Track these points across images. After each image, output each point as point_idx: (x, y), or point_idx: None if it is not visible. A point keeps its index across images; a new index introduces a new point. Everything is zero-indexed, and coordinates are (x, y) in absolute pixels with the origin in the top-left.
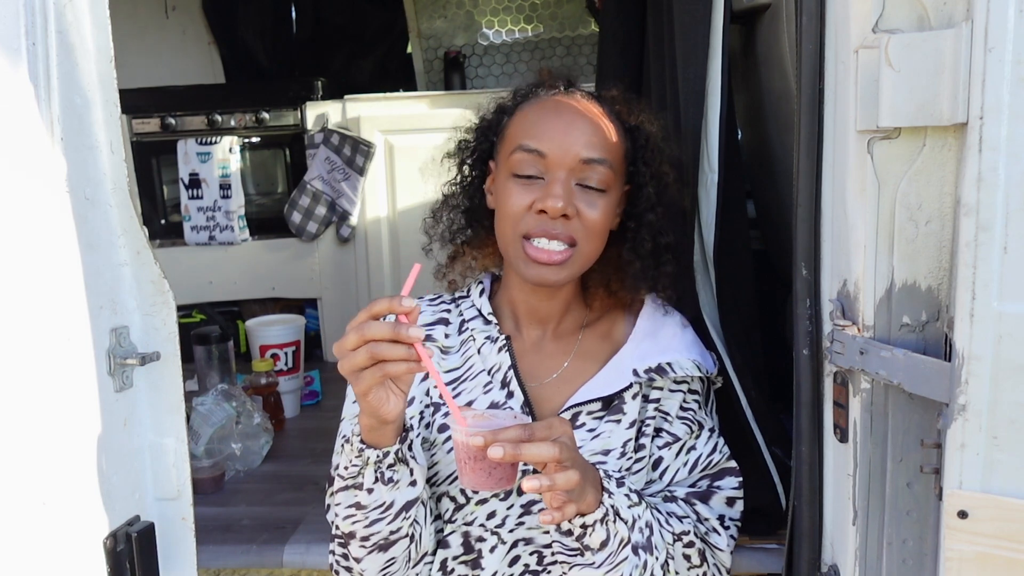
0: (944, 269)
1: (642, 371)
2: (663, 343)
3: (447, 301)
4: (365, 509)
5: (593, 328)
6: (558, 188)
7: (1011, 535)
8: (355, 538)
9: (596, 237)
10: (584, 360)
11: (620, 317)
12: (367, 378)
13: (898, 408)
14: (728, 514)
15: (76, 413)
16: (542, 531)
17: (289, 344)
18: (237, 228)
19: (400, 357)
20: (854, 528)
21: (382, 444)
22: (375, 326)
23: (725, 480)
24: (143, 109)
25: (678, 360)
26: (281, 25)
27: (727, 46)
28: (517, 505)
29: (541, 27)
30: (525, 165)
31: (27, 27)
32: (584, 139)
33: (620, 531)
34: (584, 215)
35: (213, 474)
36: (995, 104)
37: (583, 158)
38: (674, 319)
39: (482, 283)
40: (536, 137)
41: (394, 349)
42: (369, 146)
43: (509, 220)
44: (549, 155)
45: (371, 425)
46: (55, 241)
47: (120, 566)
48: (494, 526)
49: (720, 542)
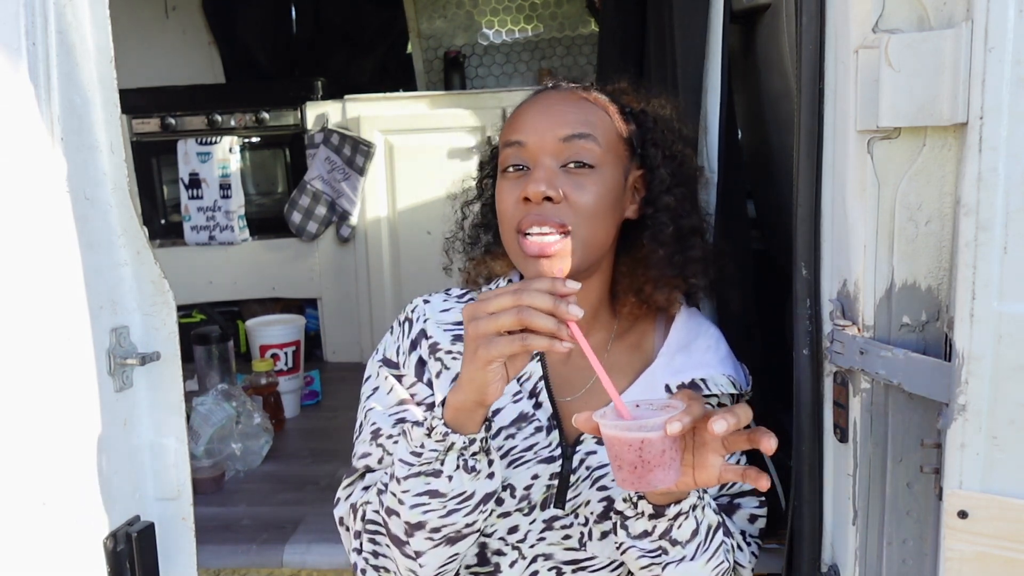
0: (944, 269)
1: (675, 387)
2: (697, 357)
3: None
4: (443, 498)
5: (622, 339)
6: (539, 172)
7: (1011, 535)
8: (423, 528)
9: (594, 219)
10: (614, 373)
11: (651, 328)
12: (503, 345)
13: (898, 408)
14: (749, 531)
15: (76, 413)
16: (563, 547)
17: (289, 344)
18: (237, 228)
19: (551, 331)
20: (854, 528)
21: (468, 429)
22: (536, 294)
23: (747, 500)
24: (143, 109)
25: (712, 376)
26: (281, 25)
27: (727, 46)
28: (539, 520)
29: (541, 27)
30: (509, 159)
31: (27, 27)
32: (561, 118)
33: (708, 517)
34: (572, 197)
35: (213, 474)
36: (995, 104)
37: (561, 137)
38: (709, 331)
39: (512, 280)
40: (516, 129)
41: (547, 320)
42: (369, 146)
43: (505, 218)
44: (528, 143)
45: (466, 407)
46: (55, 241)
47: (120, 566)
48: (515, 540)
49: (743, 559)
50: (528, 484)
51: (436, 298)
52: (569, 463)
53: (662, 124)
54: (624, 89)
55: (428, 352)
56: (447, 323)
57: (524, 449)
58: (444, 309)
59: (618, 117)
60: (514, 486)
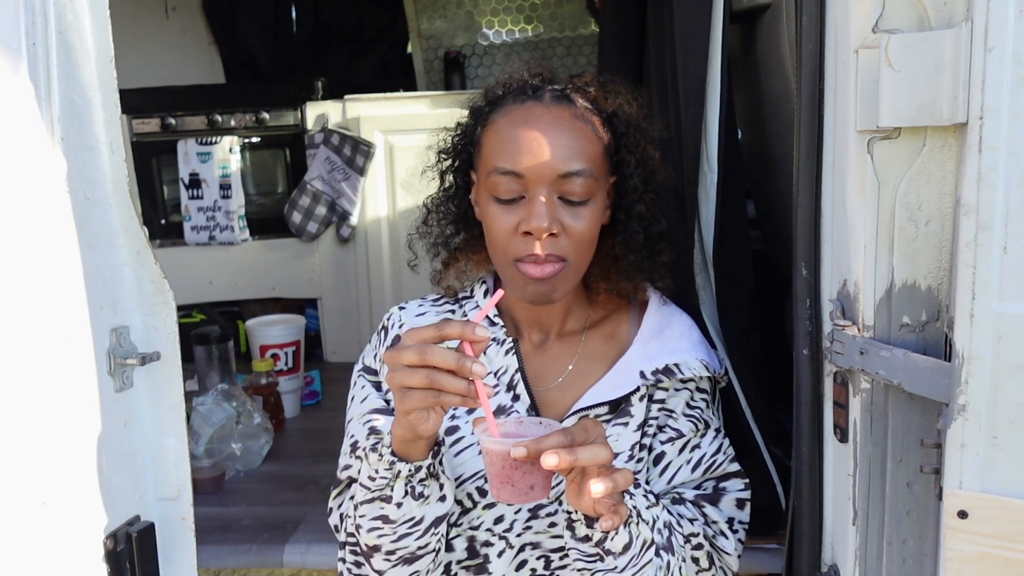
0: (944, 269)
1: (649, 373)
2: (670, 343)
3: (450, 302)
4: (393, 523)
5: (598, 328)
6: (541, 208)
7: (1011, 535)
8: (379, 551)
9: (585, 247)
10: (589, 362)
11: (625, 316)
12: (416, 399)
13: (898, 408)
14: (737, 517)
15: (76, 413)
16: (550, 535)
17: (289, 344)
18: (237, 228)
19: (458, 392)
20: (854, 528)
21: (414, 457)
22: (440, 353)
23: (731, 482)
24: (143, 109)
25: (686, 361)
26: (281, 25)
27: (727, 46)
28: (525, 509)
29: (541, 27)
30: (503, 188)
31: (27, 27)
32: (559, 152)
33: (643, 533)
34: (570, 229)
35: (213, 474)
36: (995, 104)
37: (561, 173)
38: (681, 318)
39: (485, 283)
40: (510, 158)
41: (454, 382)
42: (369, 146)
43: (498, 245)
44: (526, 175)
45: (405, 438)
46: (55, 241)
47: (120, 566)
48: (502, 530)
49: (728, 546)
50: None
51: (412, 304)
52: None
53: (632, 127)
54: (589, 84)
55: None
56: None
57: None
58: (419, 314)
59: (600, 129)
60: None
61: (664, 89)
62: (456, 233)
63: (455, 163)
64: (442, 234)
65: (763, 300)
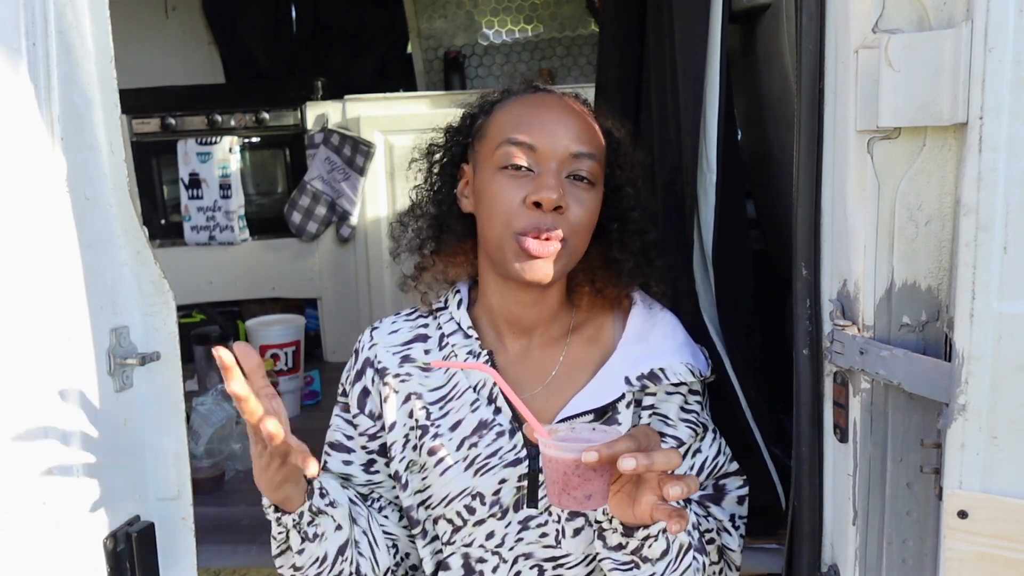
0: (944, 269)
1: (634, 378)
2: (655, 346)
3: (424, 315)
4: (303, 568)
5: (580, 332)
6: (551, 179)
7: (1011, 535)
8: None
9: (583, 233)
10: (573, 368)
11: (608, 319)
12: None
13: (898, 408)
14: (738, 513)
15: (76, 413)
16: (541, 545)
17: (289, 344)
18: (237, 228)
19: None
20: (854, 528)
21: (295, 503)
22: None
23: (731, 480)
24: (143, 109)
25: (671, 365)
26: (281, 25)
27: (726, 46)
28: (515, 522)
29: (541, 27)
30: (515, 157)
31: (27, 27)
32: (573, 132)
33: (679, 537)
34: (572, 210)
35: (213, 474)
36: (995, 104)
37: (573, 152)
38: (665, 318)
39: (459, 292)
40: (525, 130)
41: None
42: (369, 146)
43: (500, 217)
44: (540, 147)
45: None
46: (55, 241)
47: (120, 566)
48: (494, 546)
49: (731, 542)
50: (496, 489)
51: (385, 322)
52: (536, 462)
53: (624, 145)
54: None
55: (376, 378)
56: (395, 345)
57: (488, 456)
58: (392, 331)
59: (601, 133)
60: (483, 494)
61: (664, 89)
62: (434, 236)
63: (444, 157)
64: (420, 234)
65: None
